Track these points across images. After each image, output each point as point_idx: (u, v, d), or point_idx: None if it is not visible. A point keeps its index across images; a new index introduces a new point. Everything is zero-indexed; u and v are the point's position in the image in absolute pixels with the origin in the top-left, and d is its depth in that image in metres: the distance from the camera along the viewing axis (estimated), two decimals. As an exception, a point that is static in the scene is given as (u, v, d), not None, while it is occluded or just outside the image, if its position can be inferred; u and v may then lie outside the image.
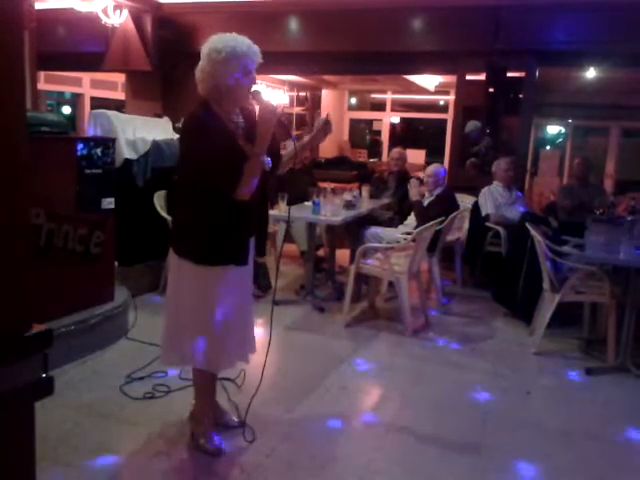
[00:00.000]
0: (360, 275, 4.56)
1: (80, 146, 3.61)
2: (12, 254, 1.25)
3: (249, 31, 2.44)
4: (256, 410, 2.82)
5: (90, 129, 4.56)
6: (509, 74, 6.39)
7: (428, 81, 9.90)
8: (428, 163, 8.87)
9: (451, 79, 7.68)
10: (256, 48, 2.38)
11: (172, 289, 2.56)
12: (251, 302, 2.73)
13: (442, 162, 8.47)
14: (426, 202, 5.20)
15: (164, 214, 4.62)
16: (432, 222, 4.42)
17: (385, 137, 12.17)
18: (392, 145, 10.73)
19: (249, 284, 2.68)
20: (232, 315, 2.52)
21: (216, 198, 2.36)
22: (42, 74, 9.03)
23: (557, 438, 2.93)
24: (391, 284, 4.72)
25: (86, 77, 10.27)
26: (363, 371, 3.66)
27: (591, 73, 8.10)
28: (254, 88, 2.44)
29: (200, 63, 2.36)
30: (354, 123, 12.90)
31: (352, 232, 5.59)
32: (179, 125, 5.32)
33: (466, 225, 5.75)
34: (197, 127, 2.35)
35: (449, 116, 10.45)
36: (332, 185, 6.34)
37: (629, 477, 2.70)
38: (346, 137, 12.40)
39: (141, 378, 3.27)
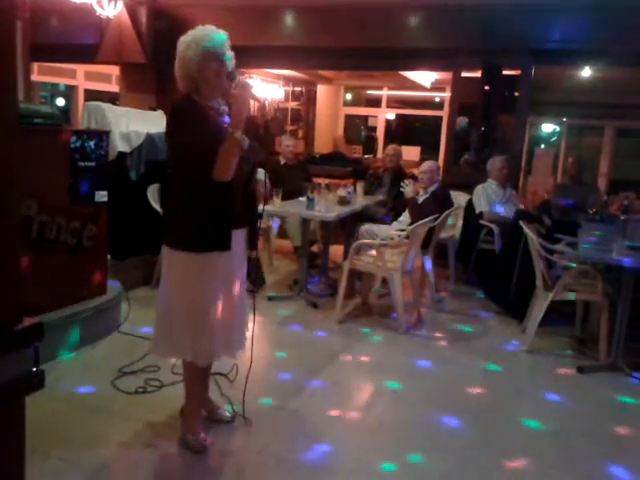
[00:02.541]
0: (354, 271, 4.56)
1: (73, 138, 3.58)
2: (1, 247, 1.24)
3: (244, 25, 2.45)
4: (248, 405, 2.82)
5: (84, 121, 4.53)
6: (505, 72, 6.40)
7: (424, 78, 9.89)
8: (423, 160, 8.86)
9: (447, 76, 7.67)
10: (221, 32, 2.42)
11: (163, 281, 2.58)
12: (243, 299, 2.70)
13: (437, 159, 8.47)
14: (421, 199, 5.20)
15: (157, 208, 4.60)
16: (426, 219, 4.43)
17: (380, 133, 12.16)
18: (387, 141, 10.72)
19: (241, 279, 2.66)
20: (220, 307, 2.51)
21: (198, 184, 2.37)
22: (36, 65, 8.95)
23: (548, 435, 2.95)
24: (384, 281, 4.72)
25: (80, 69, 10.19)
26: (356, 367, 3.66)
27: (586, 72, 8.12)
28: (230, 72, 2.43)
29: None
30: (349, 119, 12.87)
31: (346, 228, 5.59)
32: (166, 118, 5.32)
33: (460, 222, 5.76)
34: (177, 111, 2.43)
35: (444, 113, 10.44)
36: (326, 181, 6.33)
37: (619, 476, 2.71)
38: (341, 133, 12.38)
39: (133, 372, 3.26)
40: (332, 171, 8.23)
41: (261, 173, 2.82)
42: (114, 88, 9.68)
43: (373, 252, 4.48)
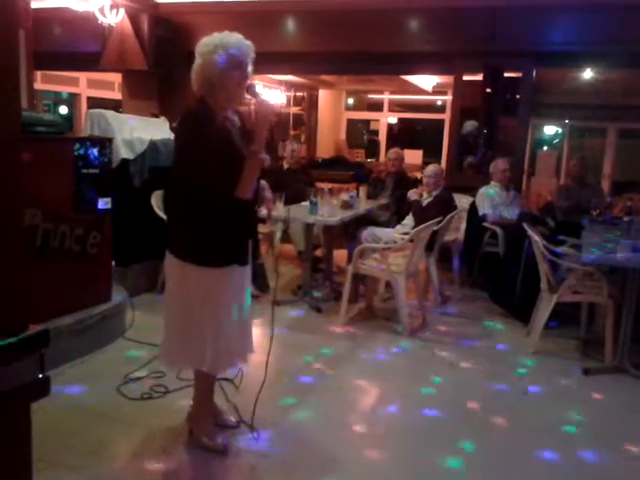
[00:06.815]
0: (358, 275, 4.55)
1: (77, 146, 3.60)
2: (6, 254, 1.24)
3: (246, 31, 2.44)
4: (251, 409, 2.82)
5: (87, 129, 4.55)
6: (506, 75, 6.41)
7: (425, 81, 9.91)
8: (425, 163, 8.87)
9: (448, 79, 7.69)
10: (248, 42, 2.39)
11: (175, 292, 2.52)
12: (249, 302, 2.72)
13: (439, 162, 8.47)
14: (424, 202, 5.20)
15: (161, 214, 4.61)
16: (430, 222, 4.42)
17: (382, 137, 12.18)
18: (389, 145, 10.74)
19: (248, 285, 2.67)
20: (237, 316, 2.52)
21: (215, 198, 2.34)
22: (39, 74, 9.01)
23: (555, 438, 2.93)
24: (389, 284, 4.71)
25: (83, 77, 10.25)
26: (360, 371, 3.65)
27: (588, 74, 8.13)
28: (249, 83, 2.42)
29: (194, 63, 2.39)
30: (351, 123, 12.90)
31: (349, 232, 5.59)
32: (176, 125, 5.33)
33: (463, 225, 5.75)
34: (193, 123, 2.36)
35: (446, 116, 10.45)
36: (329, 185, 6.34)
37: (627, 476, 2.70)
38: (343, 137, 12.40)
39: (139, 378, 3.26)
40: (335, 175, 8.25)
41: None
42: (117, 95, 9.73)
43: (377, 256, 4.48)
